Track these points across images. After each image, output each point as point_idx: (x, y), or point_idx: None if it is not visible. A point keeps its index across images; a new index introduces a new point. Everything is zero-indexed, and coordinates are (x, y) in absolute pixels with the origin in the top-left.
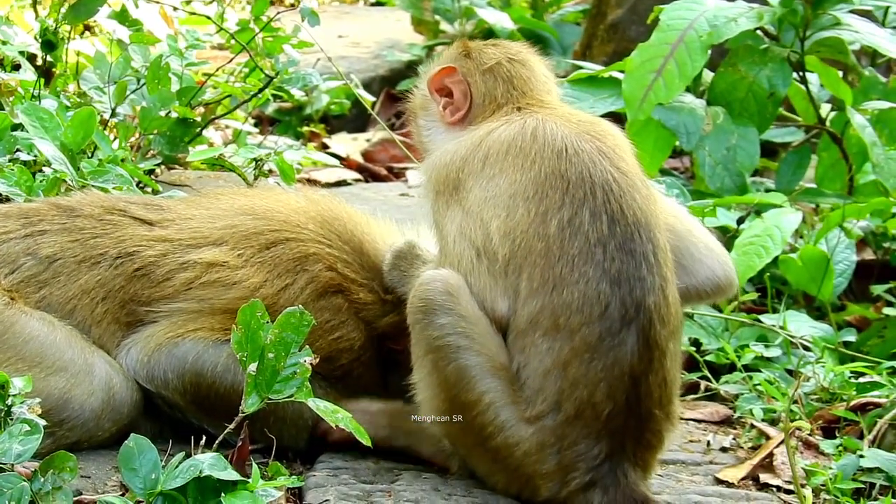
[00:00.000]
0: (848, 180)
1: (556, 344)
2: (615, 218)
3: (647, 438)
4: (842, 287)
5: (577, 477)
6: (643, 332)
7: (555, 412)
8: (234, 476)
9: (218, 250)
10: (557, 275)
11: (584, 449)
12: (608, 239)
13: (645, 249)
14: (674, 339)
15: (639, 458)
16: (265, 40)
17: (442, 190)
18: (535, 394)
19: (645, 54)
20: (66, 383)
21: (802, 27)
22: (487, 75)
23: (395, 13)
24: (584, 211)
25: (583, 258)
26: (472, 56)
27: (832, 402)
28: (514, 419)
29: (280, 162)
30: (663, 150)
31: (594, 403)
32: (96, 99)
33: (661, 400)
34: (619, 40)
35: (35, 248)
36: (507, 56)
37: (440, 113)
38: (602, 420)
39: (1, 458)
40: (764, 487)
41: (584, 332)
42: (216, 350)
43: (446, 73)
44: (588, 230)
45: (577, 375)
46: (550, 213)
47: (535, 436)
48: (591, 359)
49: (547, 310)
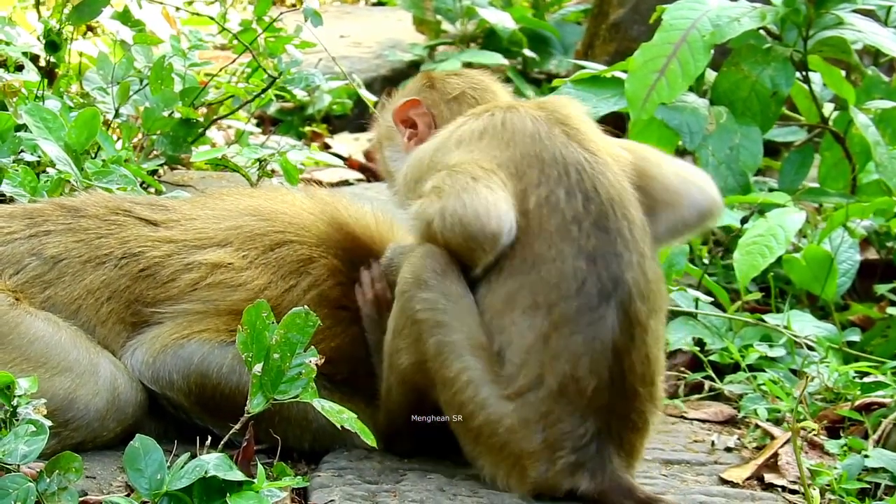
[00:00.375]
0: (851, 180)
1: (535, 321)
2: (589, 196)
3: (632, 419)
4: (845, 287)
5: (563, 456)
6: (622, 306)
7: (537, 387)
8: (240, 476)
9: (223, 251)
10: (536, 252)
11: (570, 427)
12: (583, 216)
13: (620, 226)
14: (655, 317)
15: (625, 442)
16: (267, 40)
17: (419, 177)
18: (517, 369)
19: (648, 54)
20: (71, 383)
21: (805, 26)
22: (452, 104)
23: (397, 13)
24: (559, 189)
25: (560, 235)
26: (437, 87)
27: (836, 402)
28: (495, 396)
29: (284, 162)
30: (666, 150)
31: (577, 378)
32: (99, 99)
33: (645, 378)
34: (620, 40)
35: (40, 249)
36: (471, 85)
37: (405, 143)
38: (587, 396)
39: (7, 459)
40: (769, 487)
41: (561, 306)
42: (221, 351)
43: (411, 105)
44: (564, 208)
45: (558, 348)
46: (529, 189)
47: (516, 412)
48: (571, 332)
49: (525, 288)
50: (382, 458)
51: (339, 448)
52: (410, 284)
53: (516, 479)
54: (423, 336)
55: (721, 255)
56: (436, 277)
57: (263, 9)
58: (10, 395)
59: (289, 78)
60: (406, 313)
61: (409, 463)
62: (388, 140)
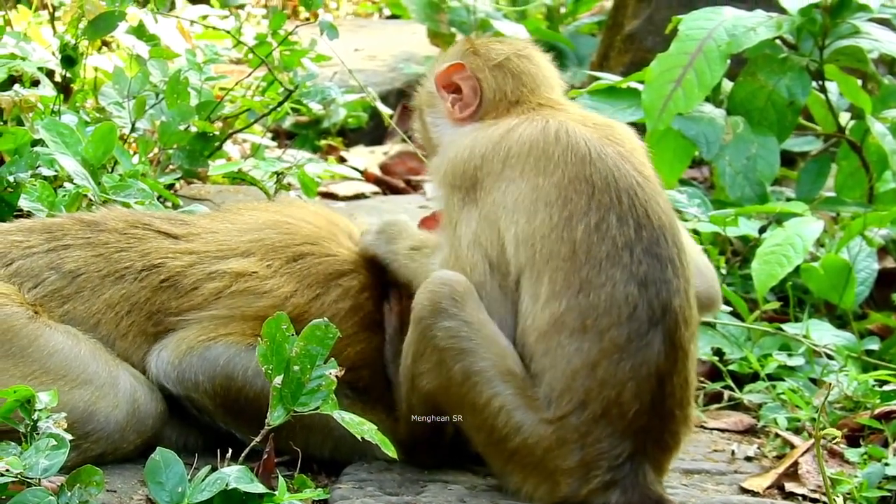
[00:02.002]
0: (868, 189)
1: (584, 345)
2: (641, 222)
3: (665, 440)
4: (863, 295)
5: (598, 475)
6: (669, 333)
7: (580, 411)
8: (261, 489)
9: (246, 261)
10: (584, 278)
11: (608, 447)
12: (635, 243)
13: (670, 253)
14: (693, 340)
15: (656, 461)
16: (283, 54)
17: (459, 185)
18: (559, 394)
19: (664, 64)
20: (90, 396)
21: (821, 36)
22: (496, 71)
23: (411, 26)
24: (611, 216)
25: (610, 261)
26: (480, 53)
27: (856, 411)
28: (531, 420)
29: (301, 175)
30: (683, 160)
31: (621, 403)
32: (115, 114)
33: (682, 401)
34: (635, 51)
35: (59, 263)
36: (515, 52)
37: (448, 110)
38: (628, 419)
39: (28, 473)
40: (789, 496)
41: (612, 333)
42: (247, 354)
43: (455, 69)
44: (615, 234)
45: (606, 376)
46: (576, 217)
47: (555, 433)
48: (620, 359)
49: (573, 311)
50: (403, 469)
51: (360, 459)
52: (428, 311)
53: (545, 492)
54: (446, 363)
55: (739, 264)
56: (455, 305)
57: (278, 22)
58: (31, 408)
59: (304, 91)
60: (426, 341)
61: (429, 474)
62: (429, 107)
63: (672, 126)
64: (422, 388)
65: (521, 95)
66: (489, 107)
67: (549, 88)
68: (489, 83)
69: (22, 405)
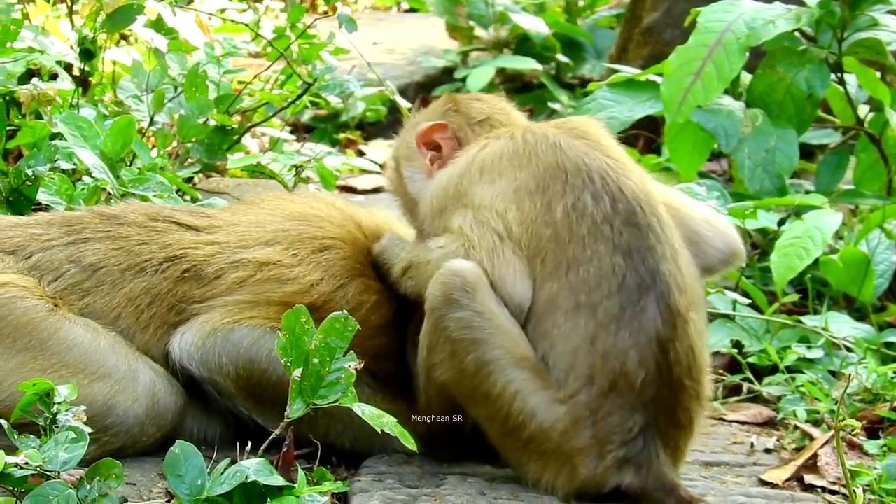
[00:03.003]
0: (887, 181)
1: (580, 321)
2: (616, 197)
3: (678, 416)
4: (882, 288)
5: (612, 450)
6: (662, 297)
7: (588, 387)
8: (280, 481)
9: (271, 250)
10: (570, 256)
11: (619, 420)
12: (613, 216)
13: (650, 221)
14: (695, 310)
15: (670, 439)
16: (301, 47)
17: (444, 206)
18: (565, 374)
19: (683, 57)
20: (110, 389)
21: (840, 28)
22: (477, 128)
23: (430, 19)
24: (585, 195)
25: (592, 237)
26: (461, 111)
27: (875, 403)
28: (545, 403)
29: (321, 168)
30: (702, 153)
31: (626, 373)
32: (134, 107)
33: (691, 371)
34: (654, 44)
35: (79, 256)
36: (495, 110)
37: (426, 166)
38: (636, 389)
39: (47, 466)
40: (809, 489)
41: (605, 305)
42: (271, 338)
43: (437, 129)
44: (593, 211)
45: (607, 347)
46: (554, 201)
47: (568, 414)
48: (618, 329)
49: (564, 290)
50: (422, 462)
51: (380, 450)
52: (441, 303)
53: (565, 478)
54: (459, 354)
55: (758, 257)
56: (466, 296)
57: (297, 16)
58: (50, 402)
59: (323, 84)
60: (439, 332)
61: (449, 467)
62: (407, 161)
63: (691, 119)
64: (436, 379)
65: None
66: None
67: None
68: (469, 142)
69: (41, 398)
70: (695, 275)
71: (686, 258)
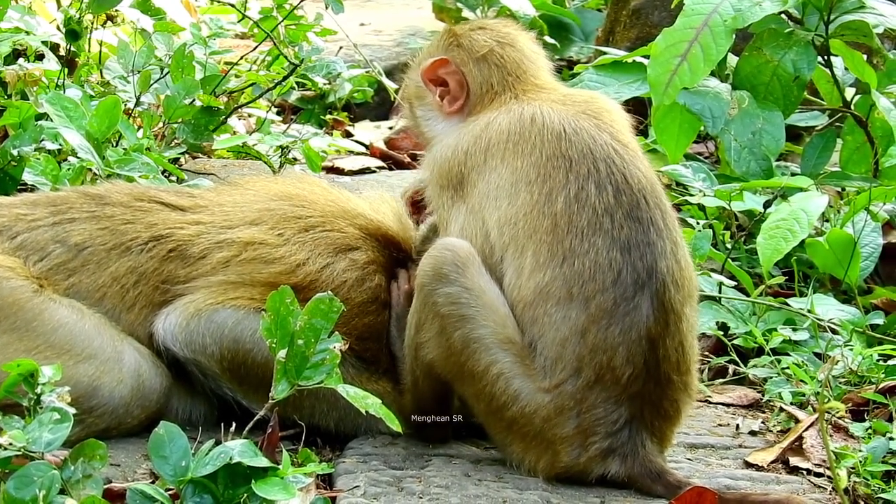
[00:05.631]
0: (873, 163)
1: (571, 313)
2: (620, 188)
3: (664, 407)
4: (868, 270)
5: (596, 442)
6: (657, 295)
7: (575, 378)
8: (265, 463)
9: (256, 229)
10: (567, 247)
11: (604, 413)
12: (615, 208)
13: (653, 215)
14: (689, 303)
15: (656, 429)
16: (288, 28)
17: (445, 185)
18: (552, 363)
19: (670, 39)
20: (95, 371)
21: (826, 10)
22: (481, 63)
23: (417, 1)
24: (589, 184)
25: (591, 229)
26: (463, 45)
27: (861, 385)
28: (528, 389)
29: (307, 149)
30: (688, 135)
31: (613, 367)
32: (120, 88)
33: (679, 366)
34: (641, 26)
35: (64, 236)
36: (497, 40)
37: (437, 103)
38: (622, 384)
39: (31, 447)
40: (794, 471)
41: (598, 299)
42: (255, 317)
43: (440, 64)
44: (595, 202)
45: (596, 342)
46: (555, 191)
47: (552, 402)
48: (609, 324)
49: (558, 280)
50: (408, 443)
51: (365, 430)
52: (430, 278)
53: (546, 463)
54: (447, 330)
55: (744, 239)
56: (456, 271)
57: None
58: (34, 382)
59: (310, 66)
60: (428, 308)
61: (433, 448)
62: (418, 99)
63: (677, 101)
64: (424, 358)
65: (507, 85)
66: (476, 99)
67: (535, 72)
68: (474, 77)
69: (25, 379)
70: (691, 265)
71: (685, 251)
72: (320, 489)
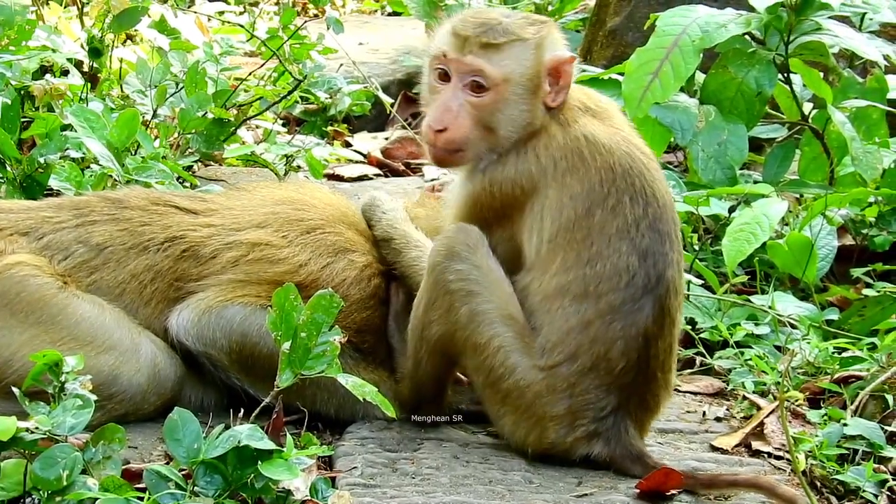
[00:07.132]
0: (829, 172)
1: (582, 307)
2: (649, 201)
3: (647, 400)
4: (824, 270)
5: (584, 424)
6: (660, 300)
7: (570, 362)
8: (270, 445)
9: (262, 232)
10: (594, 251)
11: (595, 399)
12: (641, 219)
13: (669, 229)
14: (680, 309)
15: (637, 419)
16: (293, 47)
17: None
18: (552, 346)
19: (643, 57)
20: (115, 361)
21: (787, 32)
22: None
23: (411, 22)
24: (625, 197)
25: (619, 236)
26: None
27: (817, 376)
28: (525, 364)
29: (309, 158)
30: (660, 146)
31: (609, 359)
32: (138, 102)
33: (664, 364)
34: (617, 45)
35: (87, 237)
36: None
37: (546, 94)
38: (615, 374)
39: (56, 431)
40: (756, 454)
41: (610, 297)
42: (262, 314)
43: (571, 61)
44: (627, 212)
45: (598, 333)
46: (595, 204)
47: (545, 380)
48: (612, 320)
49: (579, 280)
50: (402, 428)
51: (363, 417)
52: (444, 256)
53: (534, 438)
54: (455, 305)
55: (710, 241)
56: (468, 250)
57: (289, 18)
58: (59, 371)
59: (312, 81)
60: (439, 285)
61: (425, 433)
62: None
63: (650, 114)
64: (431, 337)
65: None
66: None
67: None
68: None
69: (51, 368)
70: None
71: (682, 261)
72: (321, 470)
